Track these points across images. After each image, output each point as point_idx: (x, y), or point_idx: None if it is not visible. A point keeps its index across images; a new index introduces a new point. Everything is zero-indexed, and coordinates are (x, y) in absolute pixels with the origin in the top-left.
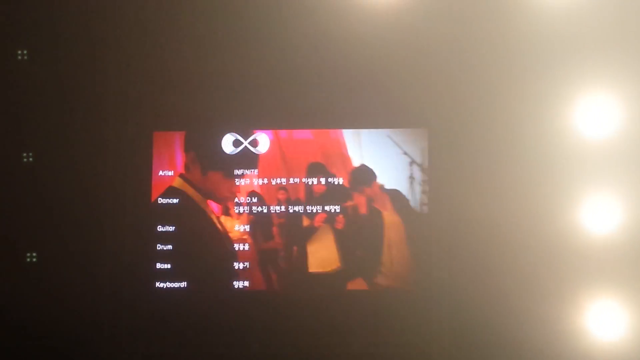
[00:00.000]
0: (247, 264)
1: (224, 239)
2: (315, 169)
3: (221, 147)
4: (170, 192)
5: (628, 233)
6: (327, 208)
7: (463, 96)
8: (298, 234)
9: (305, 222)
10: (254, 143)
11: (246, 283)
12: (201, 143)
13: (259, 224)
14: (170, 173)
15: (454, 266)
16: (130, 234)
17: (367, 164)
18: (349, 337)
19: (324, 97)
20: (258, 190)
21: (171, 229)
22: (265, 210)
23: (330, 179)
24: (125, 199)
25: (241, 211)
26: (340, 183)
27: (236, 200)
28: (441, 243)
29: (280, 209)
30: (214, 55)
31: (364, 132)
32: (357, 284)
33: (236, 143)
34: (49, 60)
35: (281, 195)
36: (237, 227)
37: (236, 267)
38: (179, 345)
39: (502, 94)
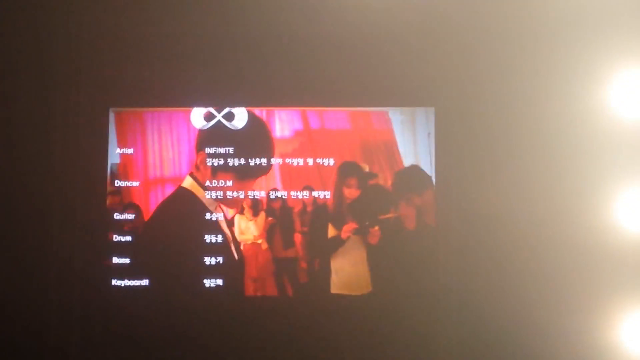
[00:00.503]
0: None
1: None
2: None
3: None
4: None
5: None
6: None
7: (478, 73)
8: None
9: (331, 232)
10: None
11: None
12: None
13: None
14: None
15: (467, 271)
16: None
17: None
18: None
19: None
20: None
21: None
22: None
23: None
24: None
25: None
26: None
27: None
28: (451, 246)
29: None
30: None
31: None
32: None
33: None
34: None
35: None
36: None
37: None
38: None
39: (523, 70)
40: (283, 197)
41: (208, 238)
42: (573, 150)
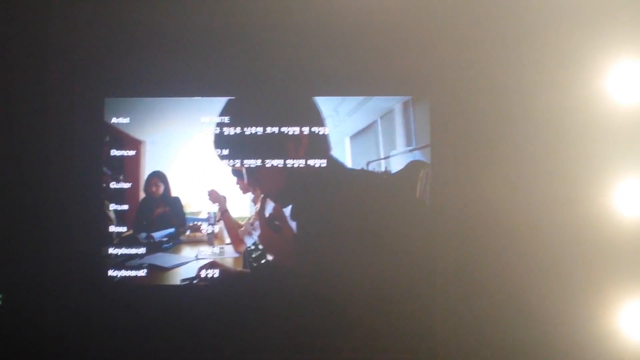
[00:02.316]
0: None
1: None
2: None
3: None
4: None
5: None
6: None
7: (474, 64)
8: None
9: None
10: None
11: None
12: None
13: None
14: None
15: (460, 261)
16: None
17: None
18: None
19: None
20: None
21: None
22: None
23: None
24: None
25: None
26: None
27: None
28: (445, 234)
29: None
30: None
31: None
32: None
33: None
34: None
35: None
36: None
37: None
38: None
39: (521, 60)
40: None
41: None
42: (571, 140)
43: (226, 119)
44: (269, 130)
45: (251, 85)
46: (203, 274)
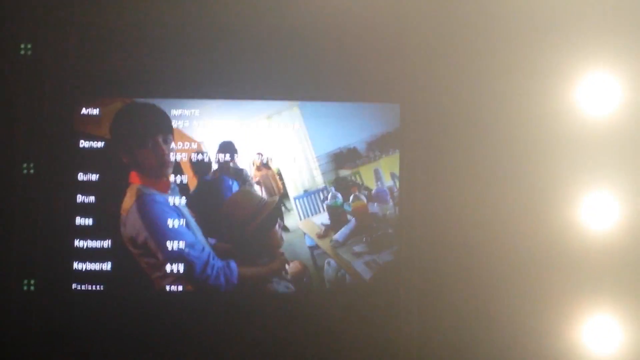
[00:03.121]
0: None
1: None
2: None
3: None
4: None
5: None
6: None
7: (445, 70)
8: None
9: None
10: None
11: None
12: None
13: None
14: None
15: (430, 272)
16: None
17: None
18: None
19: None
20: None
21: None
22: None
23: None
24: None
25: None
26: None
27: None
28: (414, 244)
29: None
30: None
31: None
32: None
33: None
34: None
35: None
36: None
37: None
38: None
39: (491, 68)
40: None
41: None
42: (539, 149)
43: None
44: None
45: None
46: None
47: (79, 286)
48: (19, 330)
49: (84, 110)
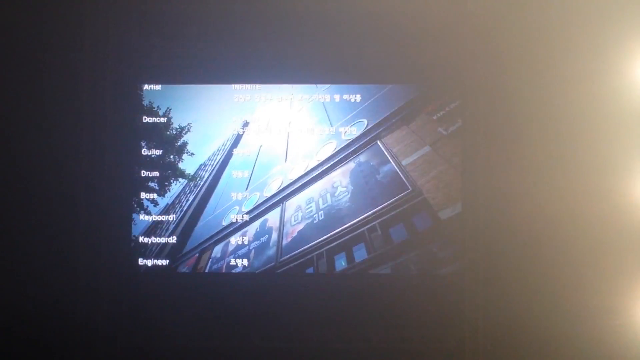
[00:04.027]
0: None
1: None
2: None
3: None
4: None
5: None
6: None
7: (504, 55)
8: None
9: None
10: None
11: None
12: None
13: None
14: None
15: (491, 249)
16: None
17: None
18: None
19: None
20: None
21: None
22: None
23: None
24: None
25: None
26: None
27: None
28: (473, 228)
29: None
30: None
31: None
32: None
33: None
34: None
35: None
36: None
37: None
38: None
39: (547, 50)
40: None
41: None
42: (600, 129)
43: None
44: None
45: None
46: None
47: None
48: None
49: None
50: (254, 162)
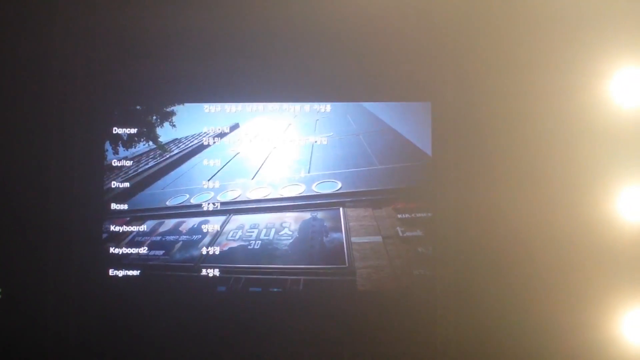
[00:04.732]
0: None
1: None
2: None
3: None
4: None
5: None
6: None
7: (476, 67)
8: None
9: None
10: None
11: None
12: None
13: None
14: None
15: (461, 265)
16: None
17: None
18: None
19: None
20: None
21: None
22: None
23: None
24: None
25: None
26: None
27: None
28: (447, 237)
29: None
30: None
31: None
32: None
33: None
34: None
35: None
36: None
37: None
38: None
39: (524, 64)
40: None
41: None
42: (574, 144)
43: None
44: None
45: None
46: None
47: None
48: None
49: None
50: (225, 163)
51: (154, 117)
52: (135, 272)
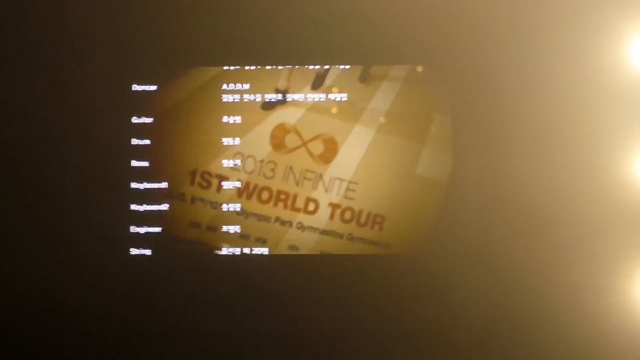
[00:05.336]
0: None
1: None
2: None
3: None
4: None
5: None
6: None
7: (492, 30)
8: None
9: None
10: None
11: None
12: None
13: None
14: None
15: (482, 230)
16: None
17: None
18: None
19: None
20: None
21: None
22: None
23: None
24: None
25: None
26: None
27: None
28: (468, 206)
29: None
30: None
31: None
32: None
33: None
34: None
35: None
36: None
37: None
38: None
39: (539, 26)
40: None
41: None
42: (592, 108)
43: None
44: None
45: None
46: None
47: None
48: None
49: None
50: None
51: None
52: None
